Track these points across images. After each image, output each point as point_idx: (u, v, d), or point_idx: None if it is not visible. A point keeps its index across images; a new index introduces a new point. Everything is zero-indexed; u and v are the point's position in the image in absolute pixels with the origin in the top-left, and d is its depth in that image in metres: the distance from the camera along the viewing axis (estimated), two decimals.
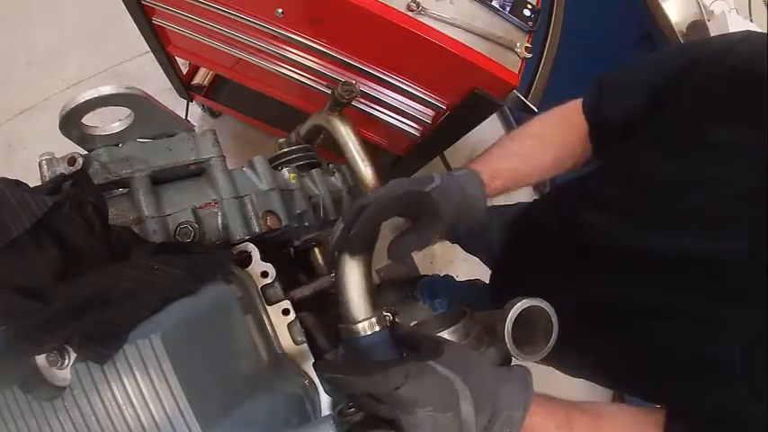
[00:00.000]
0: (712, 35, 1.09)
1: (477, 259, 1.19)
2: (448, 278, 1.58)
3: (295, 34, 0.88)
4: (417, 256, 1.81)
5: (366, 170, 0.67)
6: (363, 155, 0.68)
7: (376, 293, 0.49)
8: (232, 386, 0.44)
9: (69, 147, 0.48)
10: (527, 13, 0.81)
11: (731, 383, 0.45)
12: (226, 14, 0.90)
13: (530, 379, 0.44)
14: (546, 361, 0.74)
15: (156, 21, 1.04)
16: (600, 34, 1.33)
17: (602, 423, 0.48)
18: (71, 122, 0.46)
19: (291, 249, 0.79)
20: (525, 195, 1.99)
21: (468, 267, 1.80)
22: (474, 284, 1.32)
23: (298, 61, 0.93)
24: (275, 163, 0.74)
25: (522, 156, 0.64)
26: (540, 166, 0.64)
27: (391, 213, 0.51)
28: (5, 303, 0.36)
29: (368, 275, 0.49)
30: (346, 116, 0.73)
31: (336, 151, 0.71)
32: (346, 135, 0.70)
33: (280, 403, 0.48)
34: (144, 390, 0.36)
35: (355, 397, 0.42)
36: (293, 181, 0.63)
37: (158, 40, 1.12)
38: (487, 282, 1.14)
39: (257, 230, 0.53)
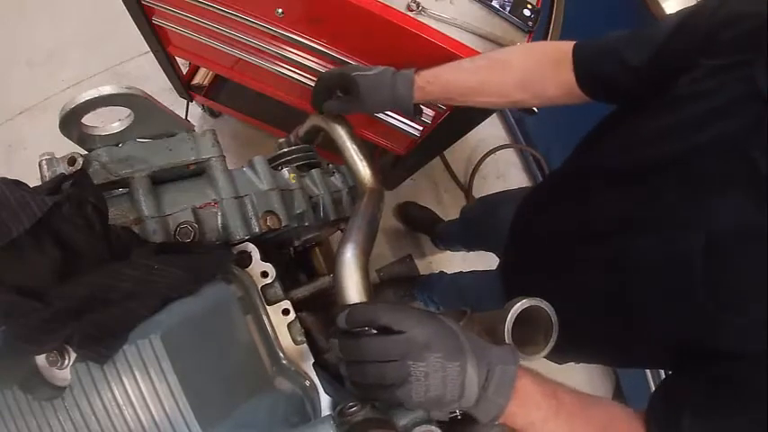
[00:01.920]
0: None
1: (477, 259, 1.19)
2: (443, 274, 1.58)
3: (295, 34, 0.88)
4: (417, 257, 1.81)
5: (364, 170, 0.67)
6: (361, 154, 0.68)
7: (375, 293, 0.50)
8: (232, 386, 0.44)
9: (69, 147, 0.48)
10: (527, 13, 0.81)
11: (696, 285, 0.46)
12: (226, 14, 0.89)
13: (516, 348, 0.46)
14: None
15: (156, 21, 1.03)
16: (600, 34, 1.33)
17: (588, 403, 0.48)
18: (71, 122, 0.46)
19: (291, 249, 0.79)
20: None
21: (467, 267, 1.80)
22: (466, 275, 1.31)
23: (298, 61, 0.93)
24: (275, 163, 0.74)
25: (470, 71, 0.70)
26: (492, 84, 0.68)
27: (330, 85, 0.75)
28: (5, 303, 0.36)
29: (366, 276, 0.49)
30: (343, 116, 0.73)
31: (335, 151, 0.71)
32: (344, 135, 0.70)
33: (280, 403, 0.48)
34: (144, 390, 0.36)
35: (361, 368, 0.41)
36: (293, 181, 0.63)
37: (158, 40, 1.12)
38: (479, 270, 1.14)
39: (257, 230, 0.53)
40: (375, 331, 0.42)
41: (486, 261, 1.26)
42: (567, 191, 0.72)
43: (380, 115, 0.97)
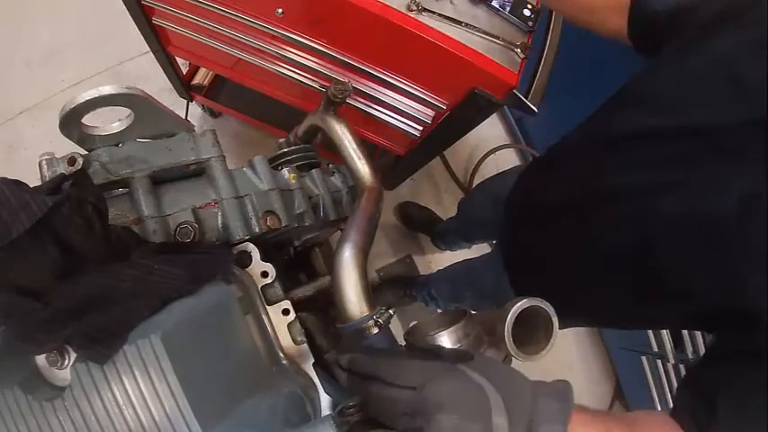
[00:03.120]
0: None
1: (476, 258, 1.19)
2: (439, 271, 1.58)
3: (295, 34, 0.88)
4: (417, 257, 1.82)
5: (363, 167, 0.67)
6: (360, 152, 0.68)
7: (375, 294, 0.50)
8: (232, 386, 0.44)
9: (69, 147, 0.48)
10: (527, 13, 0.81)
11: (729, 245, 0.47)
12: (226, 14, 0.90)
13: (570, 392, 0.39)
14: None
15: (156, 21, 1.04)
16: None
17: (638, 428, 0.46)
18: (71, 122, 0.46)
19: (291, 249, 0.79)
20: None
21: None
22: (461, 262, 1.31)
23: (298, 61, 0.93)
24: (275, 163, 0.74)
25: None
26: None
27: None
28: (5, 303, 0.36)
29: (364, 275, 0.49)
30: (341, 115, 0.73)
31: (335, 150, 0.71)
32: (342, 134, 0.70)
33: (280, 403, 0.48)
34: (144, 390, 0.36)
35: (367, 398, 0.40)
36: (293, 181, 0.63)
37: (158, 40, 1.12)
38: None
39: (257, 230, 0.53)
40: None
41: None
42: (582, 156, 0.71)
43: (380, 115, 0.97)
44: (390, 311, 0.49)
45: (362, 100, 0.95)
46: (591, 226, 0.65)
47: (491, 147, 1.93)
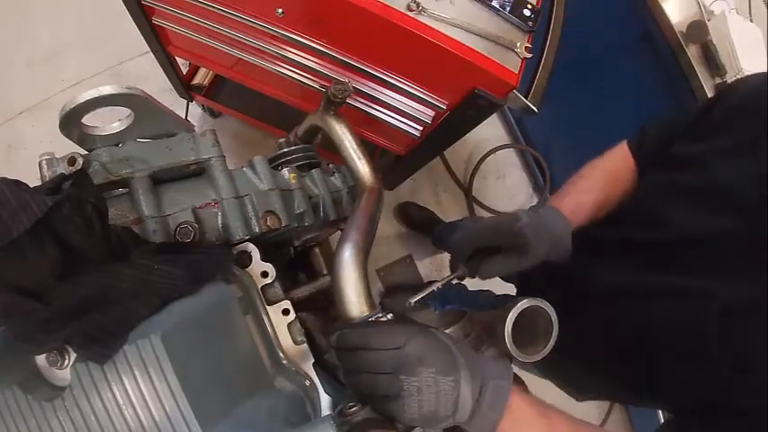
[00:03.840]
0: (712, 35, 1.09)
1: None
2: (460, 286, 1.58)
3: (295, 34, 0.88)
4: (417, 258, 1.82)
5: (363, 167, 0.67)
6: (360, 153, 0.68)
7: (389, 298, 0.50)
8: (232, 386, 0.44)
9: (69, 147, 0.48)
10: (527, 13, 0.81)
11: (712, 349, 0.49)
12: (226, 14, 0.90)
13: (509, 363, 0.46)
14: (553, 376, 0.76)
15: (156, 21, 1.04)
16: (600, 34, 1.33)
17: (579, 426, 0.49)
18: (71, 122, 0.46)
19: (291, 249, 0.79)
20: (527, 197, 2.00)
21: None
22: (483, 294, 1.32)
23: (298, 61, 0.93)
24: (275, 163, 0.74)
25: (594, 189, 0.71)
26: (616, 193, 0.71)
27: (482, 241, 0.60)
28: (5, 303, 0.36)
29: (364, 275, 0.49)
30: (341, 115, 0.73)
31: (335, 151, 0.71)
32: (342, 134, 0.70)
33: (280, 403, 0.48)
34: (144, 390, 0.36)
35: (355, 377, 0.42)
36: (293, 181, 0.63)
37: (158, 40, 1.12)
38: (495, 292, 1.16)
39: (257, 230, 0.53)
40: None
41: None
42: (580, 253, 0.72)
43: (380, 115, 0.97)
44: (390, 312, 0.49)
45: (362, 100, 0.95)
46: (590, 319, 0.66)
47: (491, 147, 1.93)
